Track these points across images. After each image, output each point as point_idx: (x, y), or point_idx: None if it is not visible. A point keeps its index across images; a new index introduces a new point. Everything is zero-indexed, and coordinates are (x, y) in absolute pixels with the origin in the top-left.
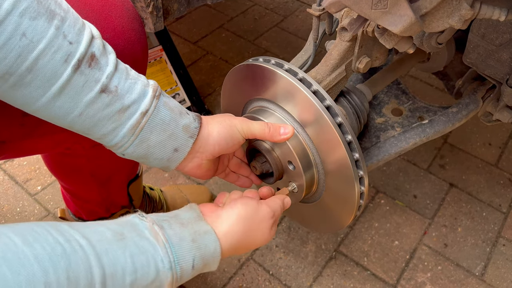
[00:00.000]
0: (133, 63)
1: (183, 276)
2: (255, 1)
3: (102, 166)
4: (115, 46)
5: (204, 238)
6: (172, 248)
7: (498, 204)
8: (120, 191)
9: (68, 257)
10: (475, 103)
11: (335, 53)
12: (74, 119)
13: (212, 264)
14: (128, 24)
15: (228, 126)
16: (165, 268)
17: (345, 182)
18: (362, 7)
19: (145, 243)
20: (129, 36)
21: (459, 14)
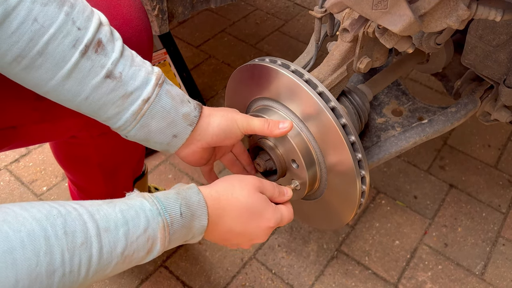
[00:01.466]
0: (140, 51)
1: (174, 223)
2: (256, 6)
3: (109, 156)
4: (123, 33)
5: (187, 191)
6: (157, 199)
7: (497, 205)
8: (125, 186)
9: (63, 216)
10: (474, 103)
11: (336, 54)
12: (81, 102)
13: (201, 217)
14: (135, 13)
15: (229, 119)
16: (153, 215)
17: (347, 180)
18: (363, 8)
19: (132, 201)
20: (136, 24)
21: (457, 14)
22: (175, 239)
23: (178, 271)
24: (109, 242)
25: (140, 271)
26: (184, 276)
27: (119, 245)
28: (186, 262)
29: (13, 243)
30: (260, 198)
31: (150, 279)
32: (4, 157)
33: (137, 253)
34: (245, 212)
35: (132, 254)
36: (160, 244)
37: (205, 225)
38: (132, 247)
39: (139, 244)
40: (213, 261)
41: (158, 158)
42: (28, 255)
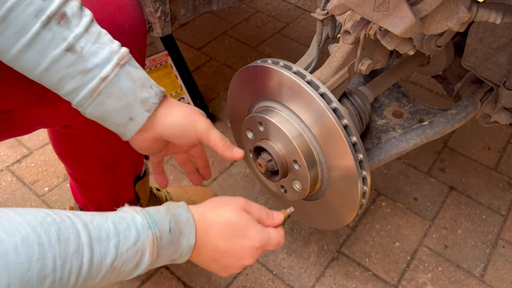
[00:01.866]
0: (133, 38)
1: (163, 238)
2: (257, 9)
3: (108, 149)
4: (116, 19)
5: (177, 209)
6: (148, 213)
7: (497, 207)
8: (126, 183)
9: (58, 224)
10: (474, 105)
11: (338, 55)
12: (42, 72)
13: (189, 234)
14: (129, 1)
15: (188, 119)
16: (144, 228)
17: (348, 181)
18: (365, 10)
19: (124, 214)
20: (129, 12)
21: (457, 16)
22: (163, 254)
23: (179, 272)
24: (100, 252)
25: None
26: (185, 277)
27: (109, 256)
28: (187, 262)
29: (7, 247)
30: (244, 216)
31: (151, 280)
32: (6, 157)
33: (126, 265)
34: (228, 228)
35: (121, 266)
36: (148, 257)
37: (192, 243)
38: (121, 258)
39: (129, 256)
40: None
41: None
42: (21, 260)
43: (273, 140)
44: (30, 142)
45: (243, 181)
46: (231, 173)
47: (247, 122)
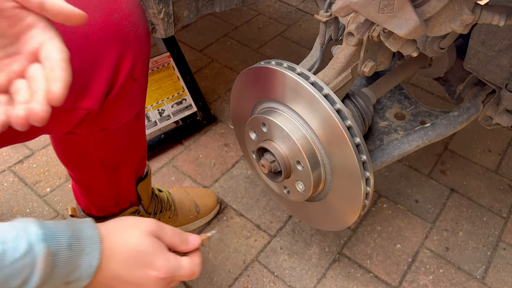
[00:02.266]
0: (138, 47)
1: (59, 254)
2: (259, 11)
3: (110, 153)
4: (122, 27)
5: (81, 224)
6: (46, 225)
7: (498, 209)
8: (128, 185)
9: None
10: (476, 107)
11: (341, 57)
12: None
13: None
14: (134, 9)
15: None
16: (38, 240)
17: (351, 182)
18: (369, 11)
19: (18, 223)
20: (135, 19)
21: (461, 18)
22: (58, 274)
23: None
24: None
25: None
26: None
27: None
28: None
29: None
30: (152, 243)
31: None
32: (8, 158)
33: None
34: (132, 255)
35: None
36: (39, 275)
37: (95, 265)
38: (3, 272)
39: (14, 270)
40: (215, 263)
41: (161, 160)
42: None
43: (276, 141)
44: (32, 143)
45: (245, 182)
46: (233, 175)
47: (250, 123)
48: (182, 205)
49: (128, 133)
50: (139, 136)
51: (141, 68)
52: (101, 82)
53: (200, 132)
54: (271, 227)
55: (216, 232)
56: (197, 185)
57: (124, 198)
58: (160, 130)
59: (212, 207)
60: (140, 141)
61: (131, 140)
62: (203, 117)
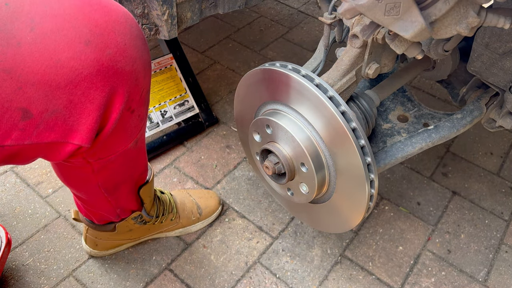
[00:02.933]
0: (133, 81)
1: None
2: (261, 13)
3: (109, 177)
4: (116, 63)
5: None
6: None
7: (500, 212)
8: (129, 198)
9: None
10: (479, 110)
11: (346, 59)
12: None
13: None
14: (130, 42)
15: None
16: None
17: (356, 184)
18: (375, 14)
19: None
20: (130, 53)
21: (466, 21)
22: None
23: (183, 274)
24: None
25: (144, 274)
26: (188, 279)
27: None
28: (191, 265)
29: None
30: None
31: (155, 282)
32: None
33: None
34: None
35: None
36: None
37: None
38: None
39: None
40: (217, 264)
41: (163, 161)
42: None
43: (280, 143)
44: None
45: (247, 184)
46: (235, 176)
47: (254, 125)
48: (184, 207)
49: (126, 159)
50: (138, 159)
51: (139, 100)
52: (92, 119)
53: (202, 133)
54: (273, 229)
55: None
56: (199, 187)
57: (125, 210)
58: (162, 132)
59: (214, 208)
60: (139, 162)
61: (130, 165)
62: (205, 119)
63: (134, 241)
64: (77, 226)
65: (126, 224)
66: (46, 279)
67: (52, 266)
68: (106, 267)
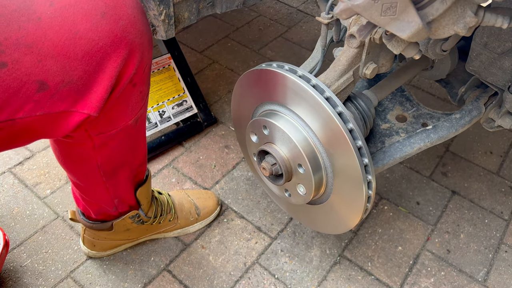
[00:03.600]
0: (141, 54)
1: None
2: (260, 12)
3: (108, 157)
4: (128, 34)
5: None
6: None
7: (500, 212)
8: (127, 189)
9: None
10: (478, 110)
11: (343, 59)
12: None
13: None
14: (138, 15)
15: None
16: None
17: (353, 185)
18: (372, 14)
19: None
20: (139, 26)
21: (464, 21)
22: None
23: (181, 275)
24: None
25: (143, 275)
26: (187, 280)
27: None
28: (189, 266)
29: None
30: None
31: (153, 283)
32: (8, 159)
33: None
34: None
35: None
36: None
37: None
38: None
39: None
40: (216, 265)
41: (161, 162)
42: None
43: (277, 144)
44: (32, 145)
45: (245, 184)
46: (233, 176)
47: (251, 126)
48: (182, 208)
49: (126, 138)
50: (138, 141)
51: (142, 74)
52: (103, 88)
53: (201, 133)
54: (272, 229)
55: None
56: (197, 187)
57: (123, 202)
58: (160, 132)
59: (213, 209)
60: (139, 147)
61: (130, 145)
62: (204, 119)
63: (132, 241)
64: (75, 227)
65: (124, 223)
66: (44, 280)
67: (50, 267)
68: (104, 268)
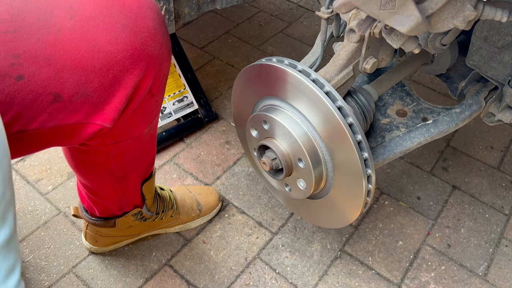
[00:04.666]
0: (159, 65)
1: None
2: (260, 8)
3: (121, 163)
4: (147, 47)
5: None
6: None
7: (500, 206)
8: (134, 190)
9: None
10: (478, 104)
11: (343, 54)
12: None
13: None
14: (159, 27)
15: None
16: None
17: (353, 180)
18: (371, 8)
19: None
20: (159, 38)
21: (463, 15)
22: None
23: (183, 270)
24: None
25: (144, 270)
26: (188, 275)
27: None
28: (191, 261)
29: None
30: None
31: (155, 278)
32: None
33: None
34: None
35: None
36: None
37: None
38: None
39: None
40: (217, 260)
41: (163, 158)
42: None
43: (277, 139)
44: None
45: (246, 180)
46: (234, 172)
47: (252, 121)
48: (184, 203)
49: (139, 145)
50: (150, 146)
51: (159, 84)
52: (119, 100)
53: (202, 129)
54: (273, 224)
55: None
56: (198, 183)
57: (129, 202)
58: (161, 128)
59: (214, 205)
60: (150, 151)
61: (142, 152)
62: (205, 115)
63: (134, 237)
64: (77, 223)
65: (126, 221)
66: (46, 276)
67: (52, 263)
68: (106, 263)
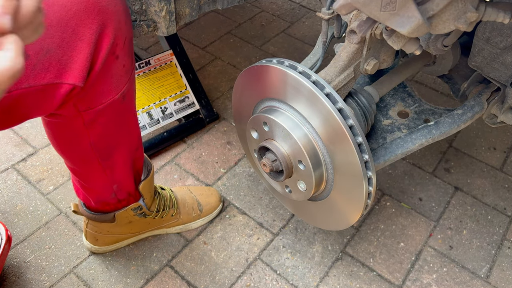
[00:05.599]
0: (117, 22)
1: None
2: (262, 8)
3: (100, 135)
4: (100, 1)
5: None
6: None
7: (503, 208)
8: (124, 173)
9: None
10: (480, 105)
11: (343, 55)
12: None
13: None
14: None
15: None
16: None
17: (354, 182)
18: (371, 9)
19: None
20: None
21: (465, 16)
22: None
23: (183, 271)
24: None
25: (145, 270)
26: (189, 276)
27: None
28: (191, 262)
29: None
30: None
31: (155, 279)
32: (11, 156)
33: None
34: None
35: None
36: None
37: None
38: None
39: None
40: (218, 261)
41: (164, 158)
42: None
43: (278, 140)
44: (36, 141)
45: (247, 180)
46: (235, 172)
47: (252, 122)
48: (185, 203)
49: (115, 114)
50: (128, 119)
51: (122, 46)
52: (83, 56)
53: (203, 130)
54: (274, 225)
55: None
56: (199, 183)
57: (121, 189)
58: (162, 128)
59: (215, 205)
60: (131, 125)
61: (120, 123)
62: (206, 115)
63: (134, 235)
64: (78, 224)
65: (126, 215)
66: (47, 276)
67: (53, 263)
68: (107, 264)
